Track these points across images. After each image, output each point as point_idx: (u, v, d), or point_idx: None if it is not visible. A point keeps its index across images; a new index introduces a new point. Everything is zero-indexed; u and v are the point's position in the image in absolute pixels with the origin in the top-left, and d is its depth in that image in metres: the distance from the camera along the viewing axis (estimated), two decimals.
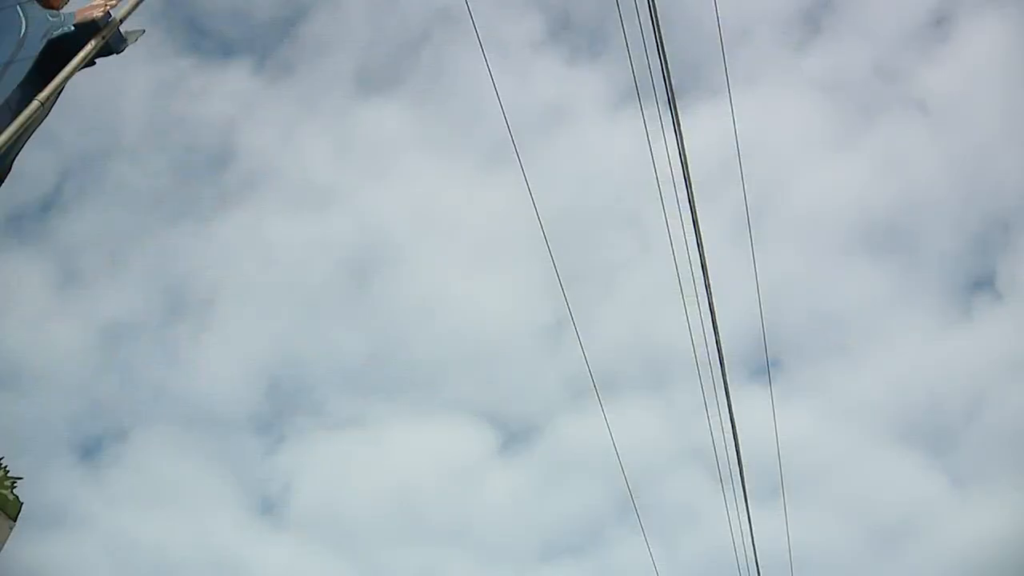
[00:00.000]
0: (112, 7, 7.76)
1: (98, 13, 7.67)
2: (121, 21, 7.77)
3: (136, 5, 7.90)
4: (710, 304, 9.25)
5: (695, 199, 8.27)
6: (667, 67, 7.94)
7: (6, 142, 6.95)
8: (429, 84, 29.23)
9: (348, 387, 29.89)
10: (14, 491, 5.59)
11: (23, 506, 5.66)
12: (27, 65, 7.42)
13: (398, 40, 29.21)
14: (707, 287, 9.02)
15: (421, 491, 28.13)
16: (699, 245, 8.47)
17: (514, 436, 32.12)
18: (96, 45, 7.58)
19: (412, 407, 30.30)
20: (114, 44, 7.74)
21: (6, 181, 7.18)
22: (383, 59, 29.65)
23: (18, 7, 8.13)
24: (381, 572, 27.12)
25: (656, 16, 7.96)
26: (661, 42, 7.92)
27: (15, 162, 7.22)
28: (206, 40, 28.26)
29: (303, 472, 28.35)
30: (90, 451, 27.47)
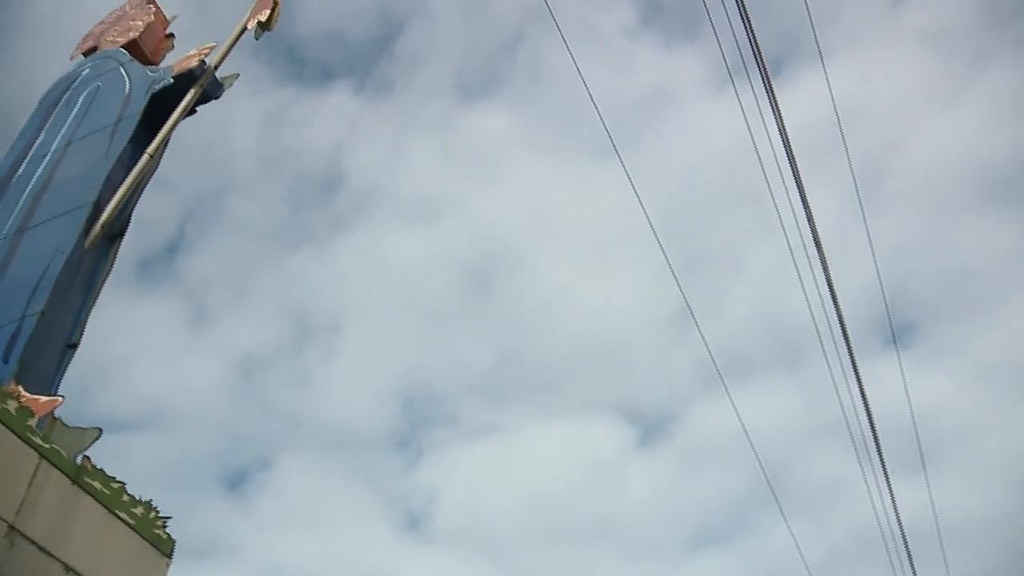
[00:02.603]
0: (206, 55, 8.05)
1: (194, 63, 7.96)
2: (216, 67, 8.05)
3: (229, 49, 8.18)
4: (827, 276, 9.09)
5: (800, 171, 8.14)
6: (756, 43, 7.85)
7: (123, 197, 7.28)
8: (529, 84, 29.32)
9: (480, 395, 30.19)
10: (166, 530, 5.85)
11: (176, 543, 5.92)
12: (134, 121, 7.76)
13: (493, 44, 29.40)
14: (822, 260, 8.86)
15: (562, 491, 28.24)
16: (809, 218, 8.35)
17: (650, 428, 31.98)
18: (195, 94, 7.88)
19: (545, 408, 30.42)
20: (211, 90, 8.03)
21: (128, 231, 7.48)
22: (480, 64, 29.89)
23: (120, 67, 8.49)
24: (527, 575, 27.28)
25: None
26: (747, 18, 7.82)
27: (133, 213, 7.52)
28: (305, 68, 28.92)
29: (444, 484, 28.73)
30: (236, 482, 28.34)
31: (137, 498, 5.81)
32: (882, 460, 12.49)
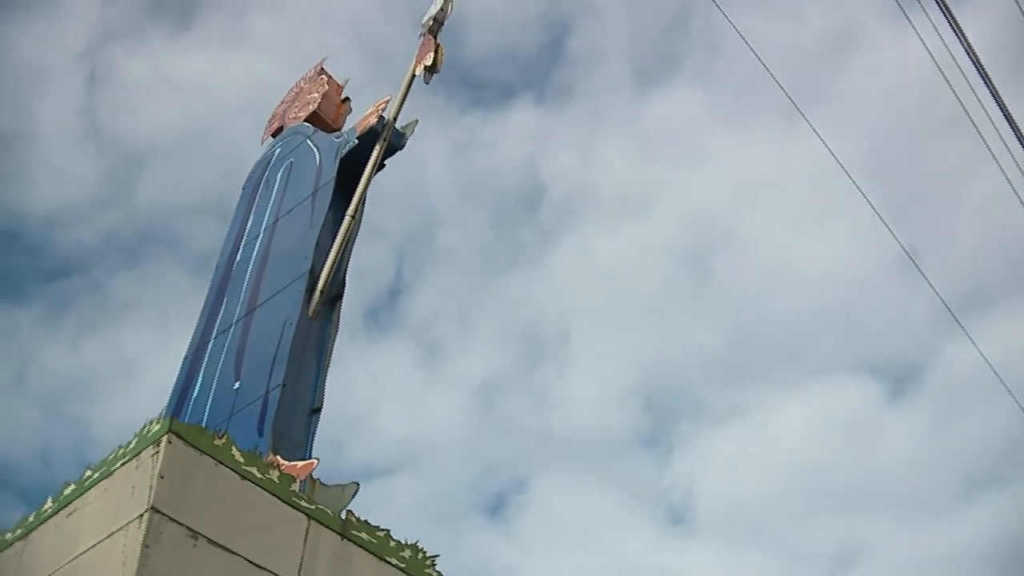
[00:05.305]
0: (383, 109, 8.31)
1: (373, 120, 8.22)
2: (395, 119, 8.28)
3: (403, 99, 8.40)
4: None
5: (1000, 86, 7.70)
6: None
7: (334, 261, 7.59)
8: (707, 56, 28.69)
9: (719, 379, 29.66)
10: (435, 568, 6.06)
11: None
12: (330, 188, 8.08)
13: (662, 24, 28.95)
14: None
15: (819, 460, 27.40)
16: (1017, 134, 7.86)
17: (898, 379, 30.56)
18: (381, 149, 8.11)
19: (787, 379, 29.63)
20: (395, 141, 8.25)
21: (347, 289, 7.78)
22: (654, 48, 29.47)
23: (307, 140, 8.88)
24: (798, 552, 26.66)
25: None
26: None
27: (347, 272, 7.82)
28: (484, 91, 29.28)
29: (700, 474, 28.36)
30: (495, 508, 28.91)
31: (403, 542, 6.04)
32: None
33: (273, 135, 9.65)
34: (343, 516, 5.84)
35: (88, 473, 5.60)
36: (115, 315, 25.85)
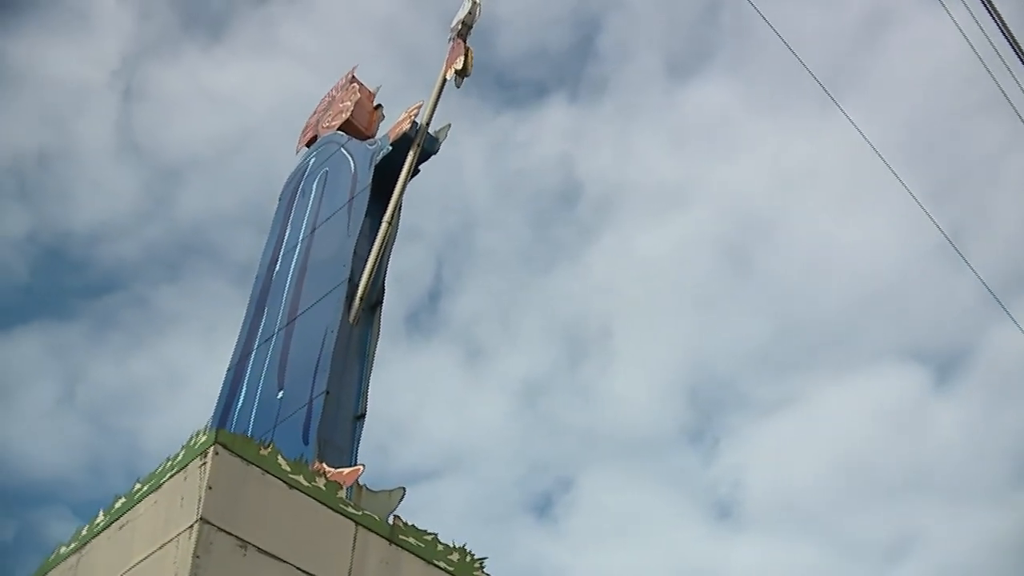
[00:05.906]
0: (415, 115, 8.33)
1: (406, 126, 8.25)
2: (427, 124, 8.29)
3: (435, 104, 8.41)
4: None
5: None
6: None
7: (372, 268, 7.63)
8: (739, 45, 28.49)
9: (765, 370, 29.44)
10: (484, 571, 6.07)
11: None
12: (366, 195, 8.12)
13: (693, 15, 28.82)
14: None
15: (867, 449, 27.14)
16: None
17: (943, 366, 30.24)
18: (414, 154, 8.13)
19: (833, 368, 29.35)
20: (429, 147, 8.26)
21: (387, 295, 7.82)
22: (686, 40, 29.32)
23: (342, 148, 8.93)
24: (850, 542, 26.44)
25: None
26: None
27: (386, 278, 7.86)
28: (516, 91, 29.23)
29: (747, 467, 28.18)
30: (542, 507, 28.89)
31: (451, 545, 6.06)
32: None
33: (307, 145, 9.71)
34: (390, 521, 5.87)
35: (138, 486, 5.67)
36: (159, 328, 26.14)
